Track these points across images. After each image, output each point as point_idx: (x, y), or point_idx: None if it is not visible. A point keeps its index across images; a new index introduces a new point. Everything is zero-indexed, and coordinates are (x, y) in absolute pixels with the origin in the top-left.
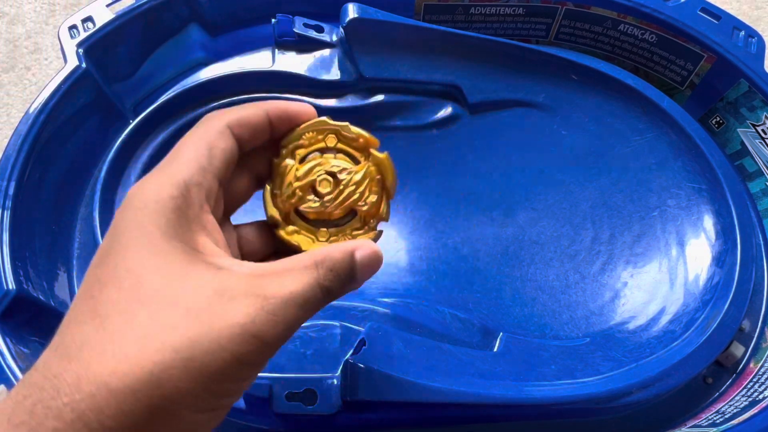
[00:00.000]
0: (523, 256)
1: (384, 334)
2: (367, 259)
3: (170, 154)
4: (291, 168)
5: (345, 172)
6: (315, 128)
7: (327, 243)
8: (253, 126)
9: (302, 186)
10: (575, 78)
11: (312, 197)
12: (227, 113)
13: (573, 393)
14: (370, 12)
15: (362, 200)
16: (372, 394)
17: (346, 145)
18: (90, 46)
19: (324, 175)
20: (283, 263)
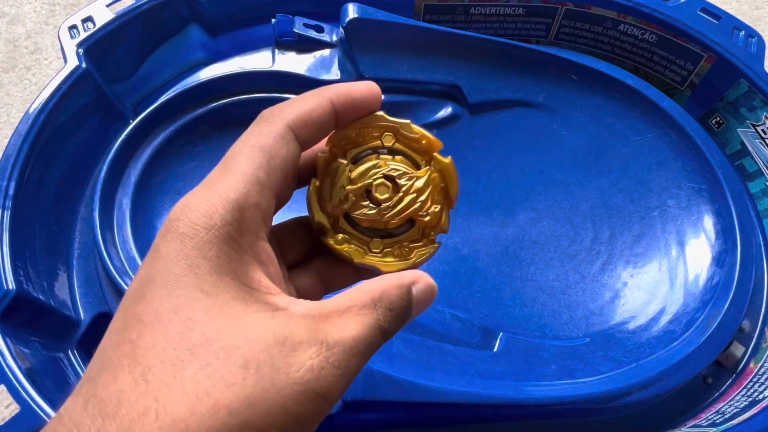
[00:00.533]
0: (523, 256)
1: None
2: (423, 294)
3: (221, 163)
4: (343, 169)
5: (405, 177)
6: (371, 124)
7: (380, 255)
8: (318, 123)
9: (356, 190)
10: (575, 78)
11: (367, 203)
12: (286, 109)
13: (573, 393)
14: (370, 12)
15: (423, 210)
16: (372, 394)
17: (405, 145)
18: (90, 46)
19: (382, 179)
20: (339, 300)
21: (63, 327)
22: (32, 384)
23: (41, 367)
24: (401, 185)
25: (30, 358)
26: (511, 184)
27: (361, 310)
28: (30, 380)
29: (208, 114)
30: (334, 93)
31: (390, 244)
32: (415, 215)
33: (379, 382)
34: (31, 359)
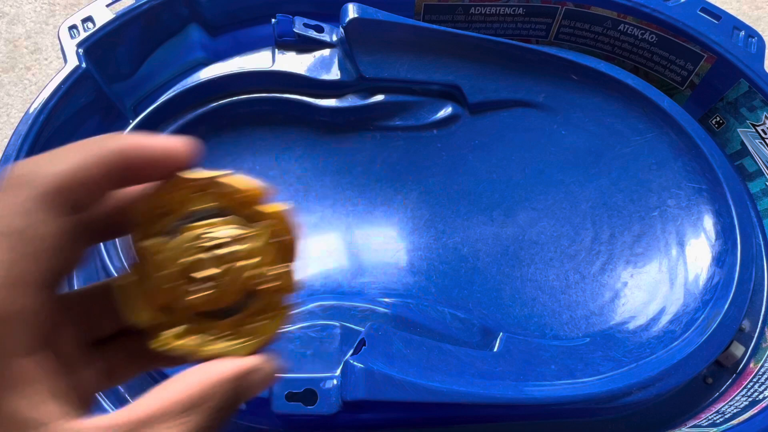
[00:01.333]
0: (523, 256)
1: (384, 334)
2: (259, 385)
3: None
4: (157, 248)
5: (230, 243)
6: (178, 186)
7: (225, 343)
8: (93, 185)
9: (169, 276)
10: (575, 78)
11: (190, 286)
12: (41, 170)
13: (573, 393)
14: (370, 12)
15: (261, 277)
16: (372, 394)
17: (227, 202)
18: (90, 46)
19: (198, 255)
20: (146, 407)
21: None
22: None
23: None
24: (226, 255)
25: None
26: (511, 184)
27: (174, 422)
28: None
29: (208, 114)
30: (128, 147)
31: (233, 325)
32: (252, 286)
33: (379, 382)
34: None
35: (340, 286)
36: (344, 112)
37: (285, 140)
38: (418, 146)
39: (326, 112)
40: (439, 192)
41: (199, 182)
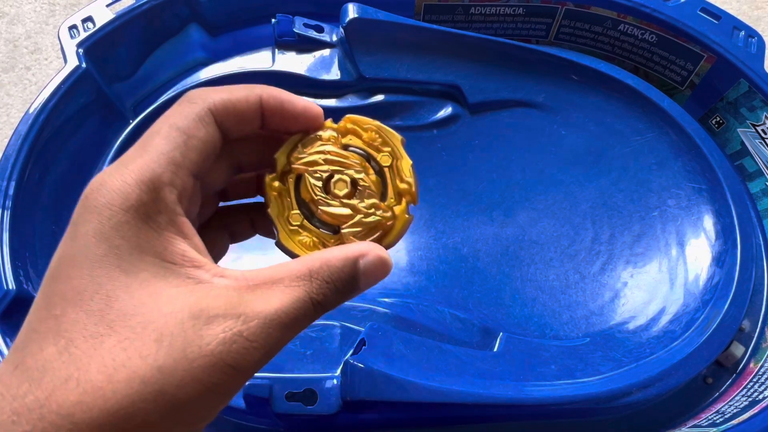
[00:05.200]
0: (523, 256)
1: (384, 334)
2: (372, 267)
3: (140, 141)
4: (301, 156)
5: (362, 174)
6: (325, 146)
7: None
8: (240, 114)
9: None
10: (575, 78)
11: (331, 198)
12: (211, 93)
13: (573, 393)
14: (370, 12)
15: (387, 218)
16: (372, 394)
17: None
18: (90, 46)
19: (341, 177)
20: (272, 271)
21: None
22: None
23: None
24: (359, 183)
25: None
26: (511, 184)
27: (293, 281)
28: None
29: None
30: (267, 94)
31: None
32: (382, 226)
33: (379, 382)
34: None
35: None
36: (344, 112)
37: None
38: (418, 146)
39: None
40: (439, 192)
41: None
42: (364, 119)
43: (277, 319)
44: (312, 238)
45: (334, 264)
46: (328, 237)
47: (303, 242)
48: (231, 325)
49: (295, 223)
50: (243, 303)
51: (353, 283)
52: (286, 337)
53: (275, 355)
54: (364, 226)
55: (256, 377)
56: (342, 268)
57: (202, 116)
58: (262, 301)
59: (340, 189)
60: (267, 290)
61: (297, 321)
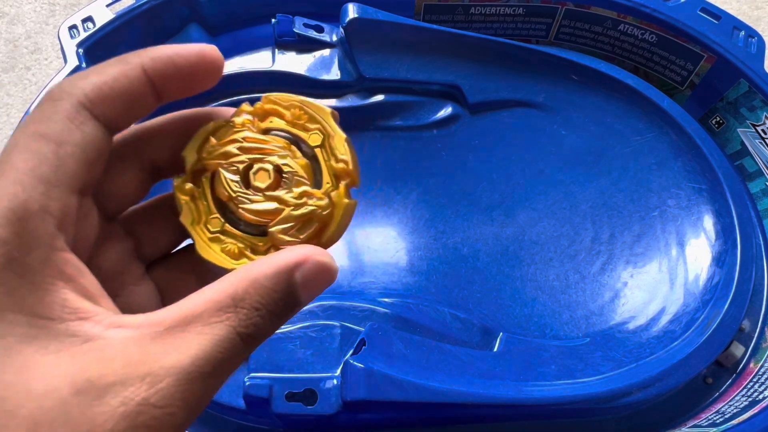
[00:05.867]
0: (523, 256)
1: (384, 334)
2: (312, 276)
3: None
4: (214, 147)
5: (286, 159)
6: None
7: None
8: (123, 96)
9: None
10: (575, 78)
11: (250, 193)
12: (78, 82)
13: (573, 393)
14: (370, 12)
15: (323, 204)
16: (372, 394)
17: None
18: (90, 46)
19: (261, 166)
20: (185, 307)
21: None
22: None
23: None
24: (285, 171)
25: None
26: (511, 184)
27: (213, 317)
28: None
29: None
30: (149, 59)
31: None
32: (317, 217)
33: (379, 382)
34: None
35: (340, 285)
36: (344, 112)
37: None
38: (418, 146)
39: None
40: (439, 192)
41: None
42: (283, 95)
43: (196, 371)
44: (237, 245)
45: (263, 284)
46: (256, 240)
47: (227, 250)
48: (133, 393)
49: (214, 230)
50: (148, 359)
51: (291, 301)
52: (214, 387)
53: (204, 408)
54: (295, 220)
55: (256, 377)
56: (274, 288)
57: (71, 115)
58: (173, 350)
59: (261, 180)
60: (180, 335)
61: (223, 365)
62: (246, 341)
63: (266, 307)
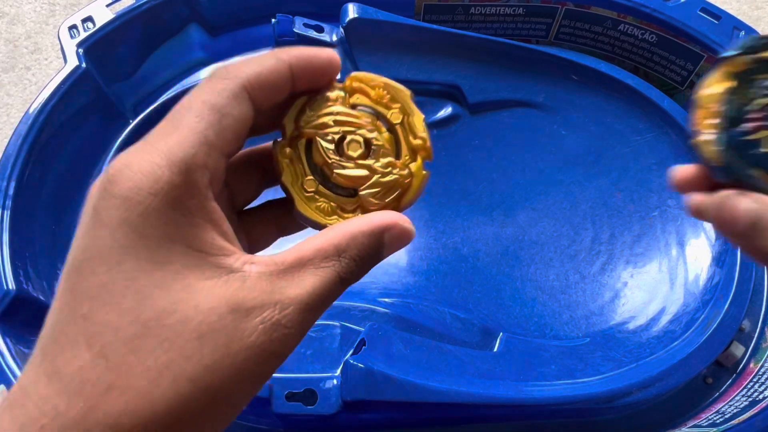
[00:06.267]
0: (523, 256)
1: (384, 334)
2: (396, 239)
3: (168, 119)
4: (312, 117)
5: (374, 134)
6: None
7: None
8: (274, 86)
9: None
10: (575, 78)
11: (345, 160)
12: (243, 67)
13: (573, 393)
14: (370, 12)
15: (404, 178)
16: (372, 394)
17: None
18: (90, 46)
19: (354, 137)
20: (299, 251)
21: None
22: None
23: None
24: (373, 142)
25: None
26: (511, 184)
27: (322, 262)
28: None
29: None
30: (294, 57)
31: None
32: (400, 184)
33: (379, 382)
34: None
35: None
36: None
37: None
38: None
39: None
40: (439, 192)
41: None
42: (370, 76)
43: (310, 303)
44: (329, 204)
45: (361, 240)
46: (346, 201)
47: (321, 208)
48: (269, 315)
49: (310, 190)
50: (277, 290)
51: (377, 255)
52: (317, 317)
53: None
54: (382, 186)
55: None
56: (369, 244)
57: (236, 93)
58: (294, 285)
59: (353, 150)
60: (297, 273)
61: (326, 301)
62: (344, 283)
63: (361, 258)
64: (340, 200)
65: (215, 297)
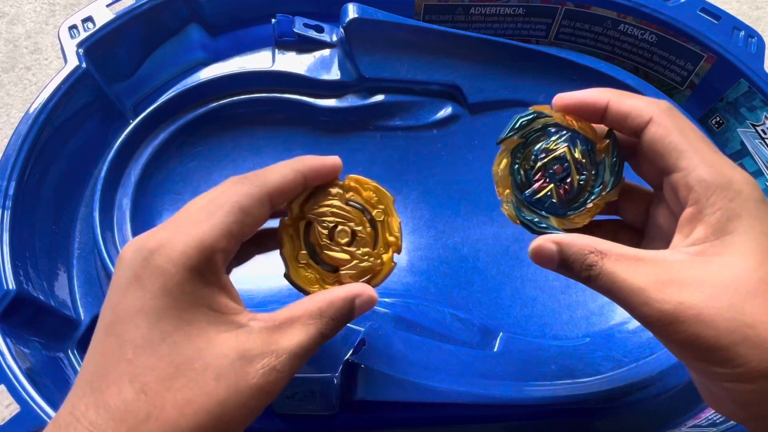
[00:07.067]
0: (523, 256)
1: (384, 334)
2: (364, 304)
3: (203, 207)
4: (313, 208)
5: (359, 226)
6: (339, 202)
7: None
8: (291, 193)
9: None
10: (575, 78)
11: (333, 245)
12: (269, 178)
13: (573, 393)
14: (370, 12)
15: (376, 263)
16: (372, 394)
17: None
18: (90, 46)
19: (344, 227)
20: (290, 311)
21: (63, 327)
22: (32, 384)
23: (41, 367)
24: (358, 234)
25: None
26: None
27: (308, 320)
28: (30, 380)
29: (208, 114)
30: (307, 168)
31: (337, 278)
32: (372, 270)
33: (379, 382)
34: (31, 359)
35: None
36: (344, 112)
37: (285, 140)
38: (418, 146)
39: (326, 112)
40: (439, 192)
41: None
42: (364, 180)
43: (298, 352)
44: (314, 275)
45: (337, 304)
46: (327, 275)
47: (307, 277)
48: (267, 361)
49: (302, 262)
50: (273, 341)
51: (350, 317)
52: (302, 364)
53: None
54: (358, 269)
55: None
56: (343, 307)
57: (262, 199)
58: (286, 338)
59: (342, 238)
60: (288, 328)
61: (310, 351)
62: (324, 338)
63: (337, 318)
64: (324, 274)
65: (228, 347)
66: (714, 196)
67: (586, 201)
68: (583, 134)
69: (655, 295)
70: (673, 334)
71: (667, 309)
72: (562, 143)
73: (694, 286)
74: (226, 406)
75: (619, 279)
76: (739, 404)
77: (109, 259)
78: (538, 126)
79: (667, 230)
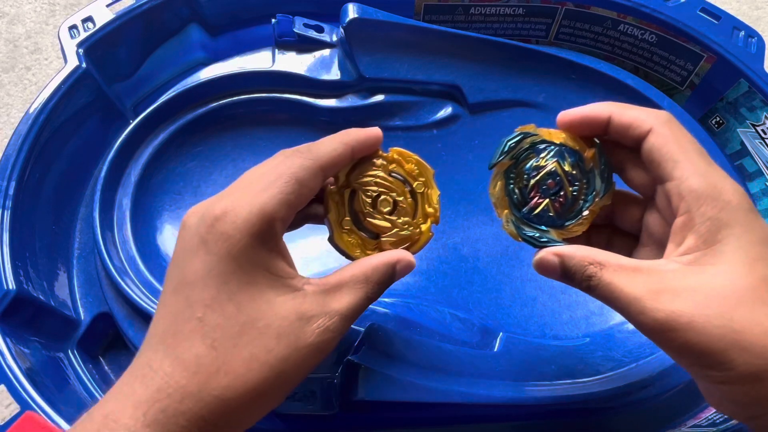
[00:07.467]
0: (524, 256)
1: (384, 334)
2: (403, 269)
3: (264, 177)
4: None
5: (401, 197)
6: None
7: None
8: (341, 165)
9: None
10: (575, 78)
11: (377, 213)
12: (321, 151)
13: (573, 393)
14: (370, 12)
15: (415, 232)
16: (372, 394)
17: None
18: (90, 46)
19: (386, 197)
20: (339, 276)
21: (63, 327)
22: (32, 384)
23: (41, 367)
24: (399, 203)
25: (30, 358)
26: None
27: (356, 284)
28: (30, 380)
29: (208, 114)
30: (354, 140)
31: (377, 244)
32: (411, 238)
33: (379, 382)
34: (31, 359)
35: None
36: (344, 112)
37: (285, 140)
38: (418, 146)
39: (326, 112)
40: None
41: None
42: (407, 153)
43: (347, 314)
44: (357, 240)
45: (381, 269)
46: (368, 241)
47: (350, 242)
48: (322, 322)
49: (346, 227)
50: (326, 304)
51: (391, 280)
52: (350, 325)
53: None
54: (398, 237)
55: None
56: (386, 272)
57: (315, 172)
58: (337, 300)
59: (384, 206)
60: (339, 292)
61: (357, 313)
62: (369, 300)
63: (380, 282)
64: (365, 240)
65: (287, 308)
66: (704, 206)
67: (582, 209)
68: (570, 147)
69: (650, 303)
70: (668, 341)
71: (661, 317)
72: (551, 159)
73: (686, 294)
74: (287, 362)
75: (616, 289)
76: (737, 405)
77: (109, 258)
78: (526, 145)
79: (661, 237)
